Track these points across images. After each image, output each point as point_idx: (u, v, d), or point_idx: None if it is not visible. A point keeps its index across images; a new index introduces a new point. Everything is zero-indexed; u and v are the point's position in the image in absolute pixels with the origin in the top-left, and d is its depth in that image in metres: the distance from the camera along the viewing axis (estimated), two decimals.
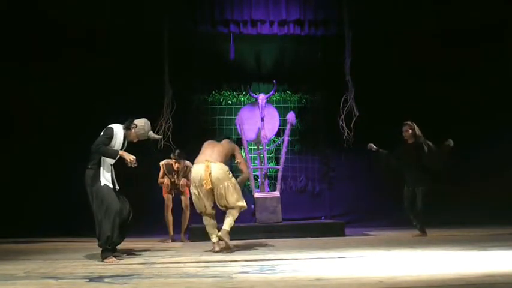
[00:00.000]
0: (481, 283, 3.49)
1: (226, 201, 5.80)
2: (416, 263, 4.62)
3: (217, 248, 5.86)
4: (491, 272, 3.91)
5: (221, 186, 5.75)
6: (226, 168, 5.86)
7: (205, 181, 5.69)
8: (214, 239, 5.91)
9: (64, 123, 8.90)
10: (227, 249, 5.81)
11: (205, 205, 5.87)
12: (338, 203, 9.74)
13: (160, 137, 5.66)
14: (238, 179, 6.03)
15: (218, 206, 5.92)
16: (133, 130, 5.53)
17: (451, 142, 7.28)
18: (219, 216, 6.07)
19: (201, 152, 6.01)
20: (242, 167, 6.19)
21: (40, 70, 8.81)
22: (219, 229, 5.89)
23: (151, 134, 5.72)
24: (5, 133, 8.76)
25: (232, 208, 5.84)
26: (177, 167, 7.52)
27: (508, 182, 9.00)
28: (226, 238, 5.76)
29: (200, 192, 5.82)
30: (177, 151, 7.55)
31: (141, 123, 5.60)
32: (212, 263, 4.87)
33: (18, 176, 8.72)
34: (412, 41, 9.25)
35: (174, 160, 7.48)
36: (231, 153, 6.08)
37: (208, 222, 5.97)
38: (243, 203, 5.92)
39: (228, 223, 5.80)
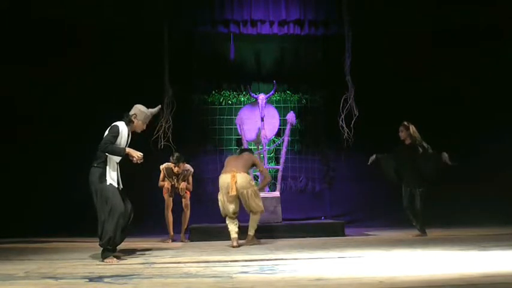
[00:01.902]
0: (481, 283, 3.48)
1: (250, 205, 6.65)
2: (416, 263, 4.62)
3: (235, 244, 6.47)
4: (491, 272, 3.91)
5: (244, 192, 6.58)
6: (249, 177, 6.73)
7: (231, 188, 6.51)
8: (234, 235, 6.58)
9: (64, 122, 8.91)
10: (255, 244, 6.66)
11: (229, 209, 6.63)
12: (338, 203, 9.74)
13: (159, 106, 5.66)
14: (260, 185, 7.13)
15: (245, 208, 6.72)
16: (135, 120, 5.52)
17: (446, 157, 7.24)
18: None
19: (226, 165, 6.82)
20: (265, 174, 7.16)
21: (40, 71, 8.80)
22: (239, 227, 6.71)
23: (152, 110, 5.67)
24: (6, 133, 8.75)
25: (255, 213, 6.72)
26: (177, 171, 7.51)
27: (508, 182, 8.99)
28: (254, 241, 6.71)
29: (226, 199, 6.60)
30: (176, 154, 7.52)
31: (137, 109, 5.56)
32: (212, 263, 4.87)
33: (18, 176, 8.72)
34: (412, 40, 9.25)
35: (173, 164, 7.47)
36: (252, 164, 6.91)
37: (230, 222, 6.69)
38: (262, 207, 6.80)
39: (252, 228, 6.77)
